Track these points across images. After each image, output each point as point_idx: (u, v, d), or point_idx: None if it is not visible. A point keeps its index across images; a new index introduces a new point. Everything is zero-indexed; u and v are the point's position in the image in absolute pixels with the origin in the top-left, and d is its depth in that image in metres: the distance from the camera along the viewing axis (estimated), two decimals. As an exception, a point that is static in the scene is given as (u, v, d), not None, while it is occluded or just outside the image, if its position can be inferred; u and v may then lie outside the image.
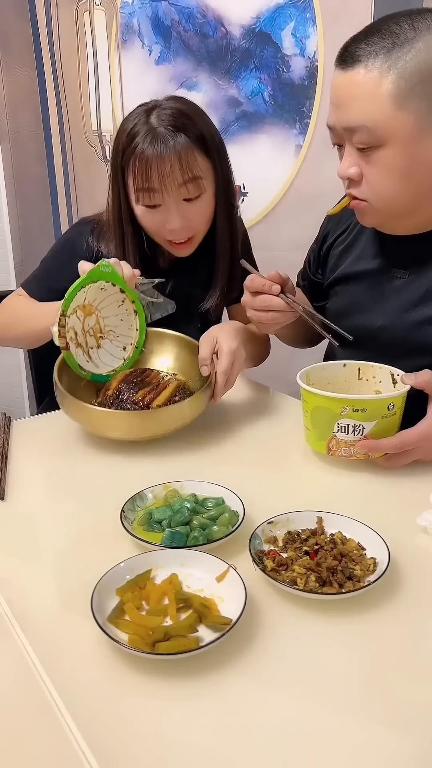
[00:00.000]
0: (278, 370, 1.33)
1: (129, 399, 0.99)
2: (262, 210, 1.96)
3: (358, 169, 0.88)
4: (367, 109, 0.82)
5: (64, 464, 0.94)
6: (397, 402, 0.85)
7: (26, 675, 0.55)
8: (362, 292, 1.05)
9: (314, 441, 0.89)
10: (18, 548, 0.74)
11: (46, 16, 2.27)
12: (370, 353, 0.99)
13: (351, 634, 0.59)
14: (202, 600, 0.61)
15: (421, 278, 0.97)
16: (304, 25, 1.71)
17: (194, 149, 1.06)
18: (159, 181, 1.05)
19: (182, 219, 1.09)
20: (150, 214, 1.10)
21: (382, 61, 0.80)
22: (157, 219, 1.10)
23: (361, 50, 0.82)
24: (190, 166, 1.05)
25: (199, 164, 1.07)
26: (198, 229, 1.14)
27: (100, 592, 0.61)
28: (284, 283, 0.99)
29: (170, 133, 1.04)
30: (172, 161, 1.04)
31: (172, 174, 1.04)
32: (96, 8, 2.16)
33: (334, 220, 1.15)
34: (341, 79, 0.84)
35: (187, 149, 1.05)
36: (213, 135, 1.10)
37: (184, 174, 1.05)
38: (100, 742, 0.48)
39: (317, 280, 1.19)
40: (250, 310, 1.01)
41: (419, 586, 0.65)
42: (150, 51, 2.08)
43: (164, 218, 1.09)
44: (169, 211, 1.08)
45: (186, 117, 1.07)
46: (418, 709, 0.51)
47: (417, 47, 0.79)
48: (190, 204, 1.09)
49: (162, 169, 1.04)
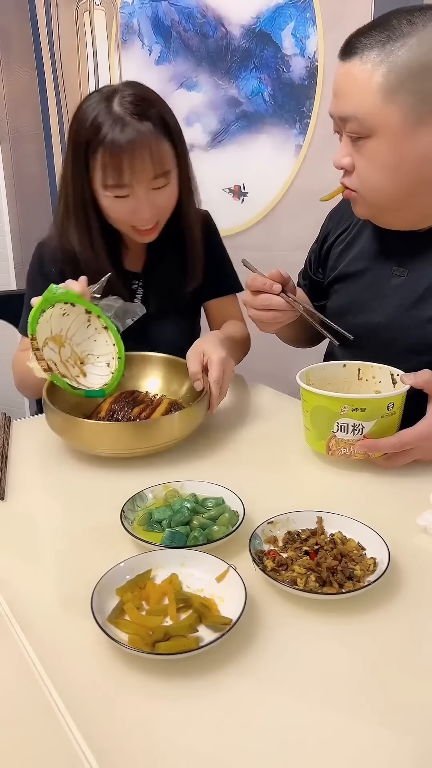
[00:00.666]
0: (278, 370, 1.33)
1: (125, 417, 0.99)
2: (262, 210, 1.96)
3: (350, 159, 0.90)
4: (359, 99, 0.84)
5: (63, 464, 0.94)
6: (396, 401, 0.85)
7: (26, 675, 0.55)
8: (362, 290, 1.05)
9: (314, 441, 0.89)
10: (18, 548, 0.74)
11: (46, 16, 2.27)
12: (370, 352, 0.99)
13: (351, 634, 0.59)
14: (202, 600, 0.61)
15: (420, 277, 0.97)
16: (304, 25, 1.71)
17: (161, 138, 1.04)
18: (131, 175, 1.03)
19: (152, 207, 1.08)
20: (118, 204, 1.08)
21: (376, 54, 0.81)
22: (125, 208, 1.08)
23: (360, 43, 0.83)
24: (162, 159, 1.04)
25: (167, 153, 1.06)
26: (162, 216, 1.13)
27: (100, 592, 0.61)
28: (285, 283, 0.99)
29: (136, 121, 1.01)
30: (143, 155, 1.02)
31: (144, 168, 1.03)
32: (96, 8, 2.16)
33: (335, 219, 1.15)
34: (340, 69, 0.86)
35: (155, 139, 1.03)
36: (173, 119, 1.09)
37: (156, 168, 1.04)
38: (100, 742, 0.48)
39: (318, 280, 1.19)
40: (251, 309, 1.01)
41: (419, 586, 0.65)
42: (150, 51, 2.08)
43: (133, 207, 1.07)
44: (139, 200, 1.06)
45: (148, 102, 1.05)
46: (418, 709, 0.51)
47: (410, 42, 0.80)
48: (158, 191, 1.08)
49: (133, 162, 1.02)
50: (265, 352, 1.56)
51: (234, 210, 2.01)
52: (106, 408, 1.01)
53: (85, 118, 1.05)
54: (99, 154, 1.03)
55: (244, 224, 2.01)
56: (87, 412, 1.02)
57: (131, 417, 0.99)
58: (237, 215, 2.01)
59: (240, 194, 2.00)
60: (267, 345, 1.31)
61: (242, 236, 2.02)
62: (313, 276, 1.21)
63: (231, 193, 2.02)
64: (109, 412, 1.01)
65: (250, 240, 1.99)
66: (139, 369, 1.10)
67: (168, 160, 1.07)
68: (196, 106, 2.01)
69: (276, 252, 1.89)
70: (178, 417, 0.93)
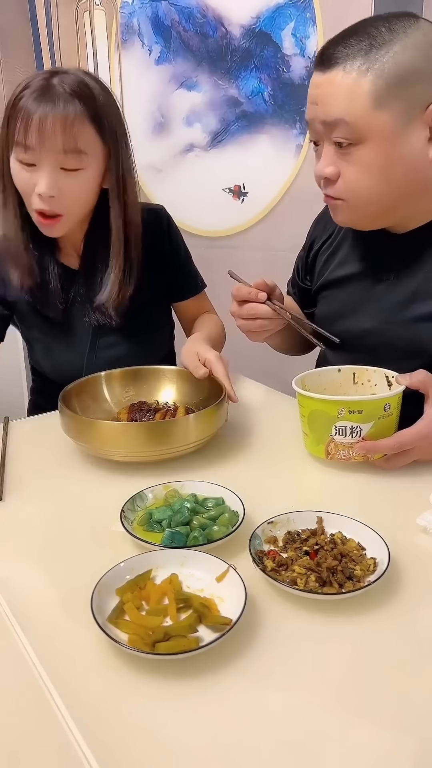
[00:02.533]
0: (278, 370, 1.33)
1: (149, 420, 0.99)
2: (262, 210, 1.96)
3: (335, 168, 0.89)
4: (347, 106, 0.83)
5: (63, 464, 0.94)
6: (392, 402, 0.85)
7: (26, 675, 0.55)
8: (350, 296, 1.05)
9: (313, 446, 0.89)
10: (18, 548, 0.74)
11: (46, 16, 2.27)
12: (361, 356, 0.99)
13: (351, 634, 0.59)
14: (202, 600, 0.61)
15: (407, 279, 0.97)
16: (304, 25, 1.71)
17: (85, 121, 1.00)
18: (38, 140, 0.98)
19: (53, 186, 1.01)
20: (24, 172, 1.02)
21: (361, 62, 0.82)
22: (29, 179, 1.02)
23: (339, 53, 0.83)
24: (75, 135, 0.99)
25: (87, 138, 1.01)
26: (69, 209, 1.06)
27: (100, 592, 0.61)
28: (271, 291, 0.99)
29: (66, 95, 0.98)
30: (55, 122, 0.97)
31: (53, 138, 0.98)
32: (96, 8, 2.16)
33: (320, 226, 1.15)
34: (320, 79, 0.86)
35: (76, 117, 0.98)
36: (113, 121, 1.05)
37: (67, 143, 0.99)
38: (100, 742, 0.48)
39: (306, 287, 1.19)
40: (238, 319, 1.02)
41: (419, 586, 0.65)
42: (150, 51, 2.08)
43: (36, 180, 1.02)
44: (41, 172, 1.01)
45: (86, 86, 1.01)
46: (418, 709, 0.51)
47: (394, 49, 0.81)
48: (67, 174, 1.02)
49: (43, 128, 0.97)
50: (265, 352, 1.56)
51: (234, 210, 2.01)
52: (125, 417, 1.02)
53: (22, 82, 1.01)
54: (17, 110, 0.99)
55: (244, 224, 2.01)
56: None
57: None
58: (237, 215, 2.01)
59: (240, 194, 2.00)
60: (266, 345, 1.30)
61: (242, 236, 2.02)
62: (301, 283, 1.21)
63: (231, 193, 2.02)
64: (130, 420, 1.00)
65: (250, 240, 2.00)
66: (150, 384, 1.10)
67: (86, 141, 1.01)
68: (196, 106, 2.01)
69: (276, 252, 1.89)
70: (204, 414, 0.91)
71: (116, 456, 0.90)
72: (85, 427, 0.91)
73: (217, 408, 0.93)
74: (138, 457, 0.90)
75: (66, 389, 1.00)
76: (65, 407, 0.93)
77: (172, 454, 0.91)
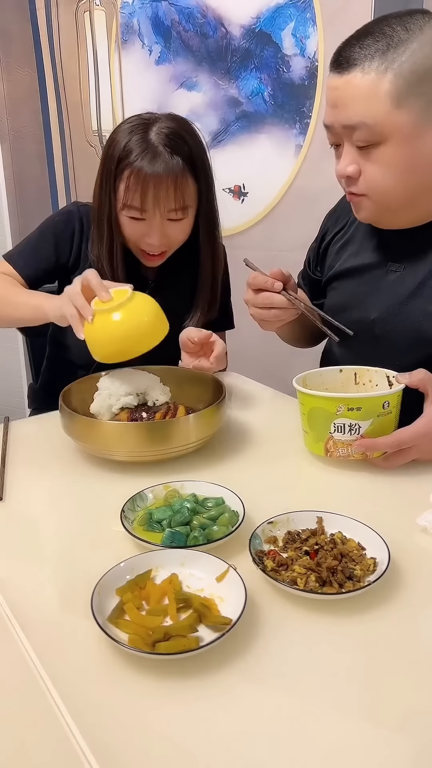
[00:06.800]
0: (278, 370, 1.33)
1: (149, 420, 0.98)
2: (262, 210, 1.96)
3: (356, 167, 0.90)
4: (367, 107, 0.84)
5: (63, 464, 0.94)
6: (391, 400, 0.85)
7: (26, 675, 0.55)
8: (358, 286, 1.05)
9: (312, 443, 0.89)
10: (18, 548, 0.74)
11: (46, 16, 2.27)
12: (367, 347, 0.99)
13: (351, 634, 0.59)
14: (202, 600, 0.61)
15: (415, 271, 0.98)
16: (304, 25, 1.71)
17: (187, 174, 1.09)
18: (153, 203, 1.08)
19: (163, 236, 1.14)
20: (133, 225, 1.13)
21: (379, 62, 0.82)
22: (139, 230, 1.13)
23: (356, 54, 0.83)
24: (183, 194, 1.09)
25: (190, 192, 1.11)
26: (173, 245, 1.18)
27: (100, 592, 0.61)
28: (286, 281, 0.99)
29: (168, 153, 1.07)
30: (167, 186, 1.07)
31: (166, 199, 1.08)
32: (96, 8, 2.16)
33: (333, 217, 1.17)
34: (338, 82, 0.86)
35: (181, 175, 1.08)
36: (203, 159, 1.14)
37: (177, 201, 1.09)
38: (100, 742, 0.48)
39: (316, 278, 1.20)
40: (253, 307, 1.02)
41: (419, 586, 0.65)
42: (150, 51, 2.08)
43: (145, 231, 1.13)
44: (152, 226, 1.12)
45: (182, 139, 1.09)
46: (418, 709, 0.51)
47: (412, 47, 0.81)
48: (173, 223, 1.13)
49: (157, 192, 1.07)
50: (265, 353, 1.56)
51: (234, 210, 2.01)
52: (125, 419, 1.01)
53: (121, 138, 1.09)
54: (125, 175, 1.08)
55: (244, 224, 2.01)
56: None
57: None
58: (237, 215, 2.01)
59: (240, 194, 2.00)
60: (266, 345, 1.31)
61: (242, 236, 2.02)
62: (312, 274, 1.21)
63: (231, 193, 2.02)
64: (130, 420, 1.00)
65: (250, 240, 2.00)
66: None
67: (189, 196, 1.11)
68: (196, 106, 2.01)
69: (276, 252, 1.90)
70: (204, 414, 0.92)
71: (116, 456, 0.90)
72: (86, 427, 0.91)
73: (217, 408, 0.93)
74: (138, 457, 0.90)
75: (66, 389, 1.00)
76: (65, 407, 0.93)
77: (172, 454, 0.91)
